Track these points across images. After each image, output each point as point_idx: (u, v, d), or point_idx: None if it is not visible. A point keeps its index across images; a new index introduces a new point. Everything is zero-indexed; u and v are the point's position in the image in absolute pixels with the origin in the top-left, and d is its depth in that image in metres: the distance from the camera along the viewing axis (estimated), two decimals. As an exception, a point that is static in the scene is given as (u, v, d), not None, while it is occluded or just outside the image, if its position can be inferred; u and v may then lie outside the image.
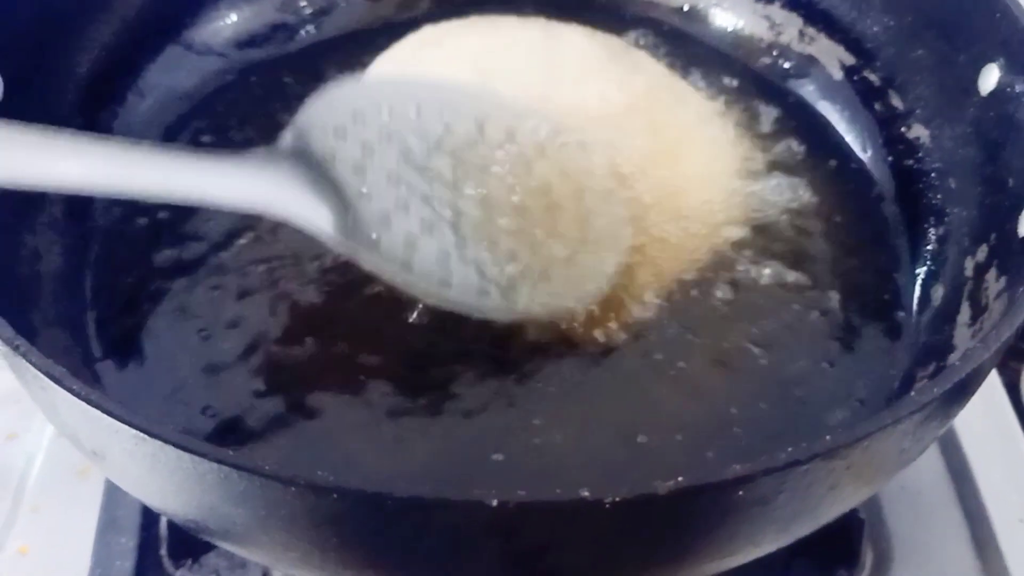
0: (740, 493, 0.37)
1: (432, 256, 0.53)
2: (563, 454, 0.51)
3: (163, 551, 0.57)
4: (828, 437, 0.37)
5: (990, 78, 0.59)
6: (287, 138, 0.54)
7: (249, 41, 0.72)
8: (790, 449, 0.37)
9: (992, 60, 0.59)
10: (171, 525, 0.56)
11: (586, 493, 0.35)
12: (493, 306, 0.54)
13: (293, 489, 0.35)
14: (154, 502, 0.44)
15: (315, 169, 0.53)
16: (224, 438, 0.50)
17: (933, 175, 0.64)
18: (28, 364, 0.39)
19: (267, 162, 0.52)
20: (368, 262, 0.53)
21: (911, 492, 0.63)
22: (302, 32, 0.74)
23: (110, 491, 0.59)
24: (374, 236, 0.53)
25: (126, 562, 0.56)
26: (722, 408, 0.54)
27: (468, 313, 0.53)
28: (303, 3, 0.74)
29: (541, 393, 0.53)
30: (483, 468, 0.50)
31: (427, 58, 0.65)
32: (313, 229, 0.52)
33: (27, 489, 0.62)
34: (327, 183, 0.53)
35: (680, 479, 0.36)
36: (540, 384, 0.54)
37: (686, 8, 0.75)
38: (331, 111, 0.55)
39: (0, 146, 0.44)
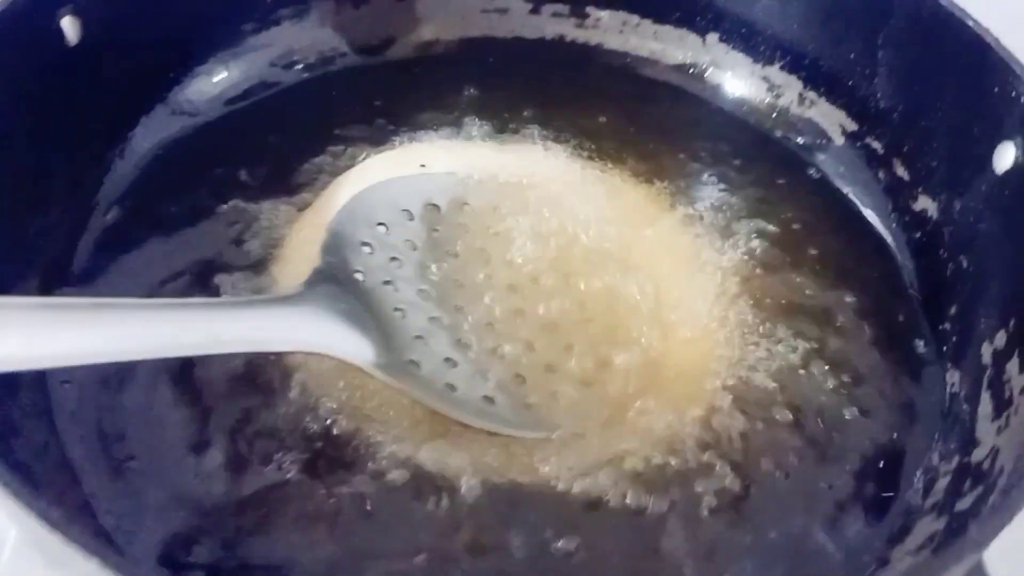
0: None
1: (469, 376, 0.53)
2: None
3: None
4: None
5: (1006, 156, 0.58)
6: (317, 260, 0.53)
7: (238, 98, 0.69)
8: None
9: (1008, 138, 0.58)
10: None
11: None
12: (534, 425, 0.53)
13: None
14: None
15: (348, 295, 0.52)
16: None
17: (943, 250, 0.63)
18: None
19: (298, 302, 0.51)
20: (410, 388, 0.52)
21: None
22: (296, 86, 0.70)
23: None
24: (412, 358, 0.52)
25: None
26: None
27: (511, 433, 0.52)
28: (296, 57, 0.71)
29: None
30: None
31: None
32: (353, 360, 0.50)
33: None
34: (362, 307, 0.52)
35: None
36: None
37: (686, 68, 0.73)
38: (355, 221, 0.56)
39: None
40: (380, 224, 0.57)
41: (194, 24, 0.67)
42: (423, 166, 0.63)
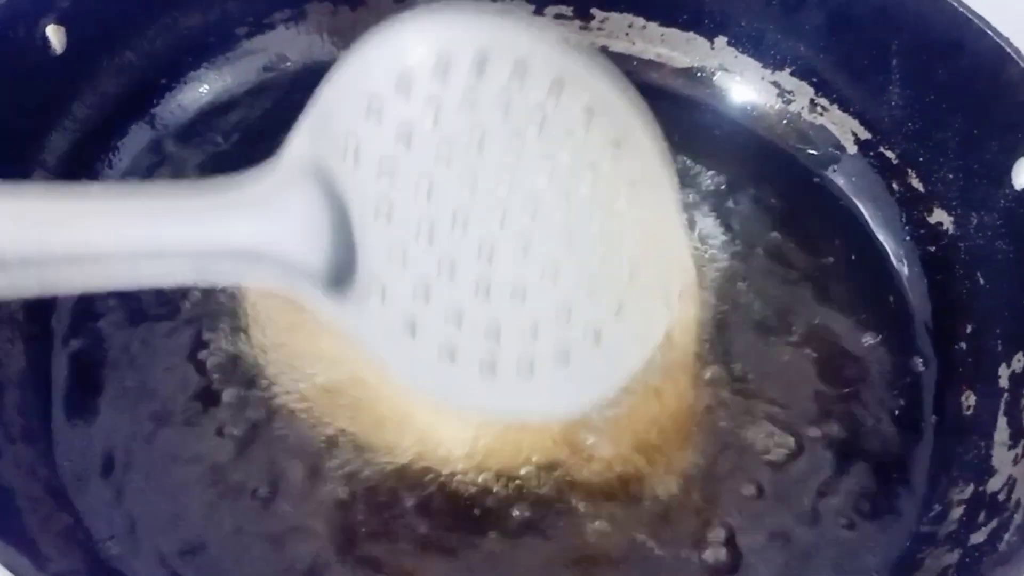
0: None
1: (439, 314, 0.42)
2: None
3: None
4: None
5: (1025, 173, 0.56)
6: (300, 124, 0.43)
7: (230, 105, 0.66)
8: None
9: (1028, 155, 0.56)
10: None
11: None
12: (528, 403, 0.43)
13: None
14: None
15: (319, 184, 0.41)
16: None
17: (958, 266, 0.61)
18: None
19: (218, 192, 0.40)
20: (359, 328, 0.42)
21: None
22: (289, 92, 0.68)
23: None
24: (380, 285, 0.41)
25: None
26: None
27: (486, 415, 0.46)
28: (290, 63, 0.68)
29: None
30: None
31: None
32: (296, 282, 0.40)
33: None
34: (327, 205, 0.41)
35: None
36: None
37: (693, 72, 0.71)
38: (373, 67, 0.42)
39: None
40: (404, 76, 0.42)
41: (186, 28, 0.65)
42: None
